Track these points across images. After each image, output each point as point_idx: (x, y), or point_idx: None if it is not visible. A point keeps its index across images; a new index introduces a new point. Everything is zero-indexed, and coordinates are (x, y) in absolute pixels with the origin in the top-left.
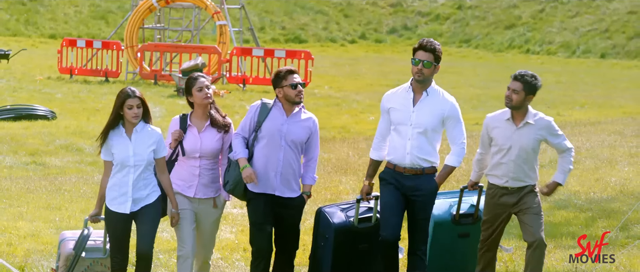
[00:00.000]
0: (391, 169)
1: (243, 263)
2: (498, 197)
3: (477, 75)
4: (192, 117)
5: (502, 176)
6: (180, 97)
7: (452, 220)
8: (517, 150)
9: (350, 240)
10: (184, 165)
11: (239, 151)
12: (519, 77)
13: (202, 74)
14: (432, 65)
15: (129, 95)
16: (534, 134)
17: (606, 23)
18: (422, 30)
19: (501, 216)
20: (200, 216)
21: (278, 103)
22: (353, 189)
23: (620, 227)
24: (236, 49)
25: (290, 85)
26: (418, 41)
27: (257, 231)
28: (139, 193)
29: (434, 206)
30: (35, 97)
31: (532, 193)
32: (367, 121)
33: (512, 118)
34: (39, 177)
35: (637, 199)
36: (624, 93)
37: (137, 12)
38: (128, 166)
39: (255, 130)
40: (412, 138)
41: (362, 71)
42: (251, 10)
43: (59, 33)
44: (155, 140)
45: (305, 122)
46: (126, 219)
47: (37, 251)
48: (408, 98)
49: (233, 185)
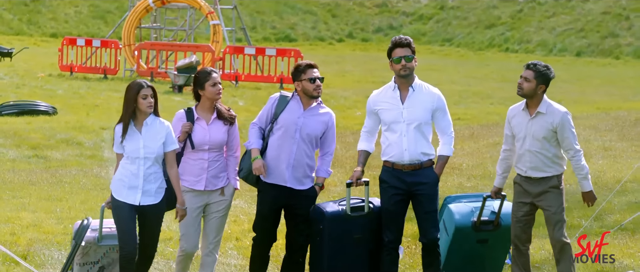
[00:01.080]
0: (389, 167)
1: (236, 252)
2: (521, 186)
3: (459, 73)
4: (197, 110)
5: (521, 166)
6: (175, 94)
7: (473, 226)
8: (531, 139)
9: (345, 229)
10: (191, 159)
11: (253, 141)
12: (532, 66)
13: (214, 69)
14: (412, 58)
15: (142, 86)
16: (545, 123)
17: (581, 23)
18: (406, 29)
19: (524, 207)
20: (209, 207)
21: (296, 96)
22: (340, 182)
23: (595, 217)
24: (229, 47)
25: (309, 79)
26: (390, 42)
27: (262, 220)
28: (148, 186)
29: (457, 209)
30: (37, 93)
31: (555, 191)
32: (354, 116)
33: (527, 107)
34: (41, 170)
35: (610, 190)
36: (598, 89)
37: (135, 12)
38: (138, 158)
39: (271, 122)
40: (407, 134)
41: (349, 69)
42: (243, 11)
43: (59, 32)
44: (165, 133)
45: (322, 116)
46: (133, 211)
47: (38, 240)
48: (395, 96)
49: (246, 172)
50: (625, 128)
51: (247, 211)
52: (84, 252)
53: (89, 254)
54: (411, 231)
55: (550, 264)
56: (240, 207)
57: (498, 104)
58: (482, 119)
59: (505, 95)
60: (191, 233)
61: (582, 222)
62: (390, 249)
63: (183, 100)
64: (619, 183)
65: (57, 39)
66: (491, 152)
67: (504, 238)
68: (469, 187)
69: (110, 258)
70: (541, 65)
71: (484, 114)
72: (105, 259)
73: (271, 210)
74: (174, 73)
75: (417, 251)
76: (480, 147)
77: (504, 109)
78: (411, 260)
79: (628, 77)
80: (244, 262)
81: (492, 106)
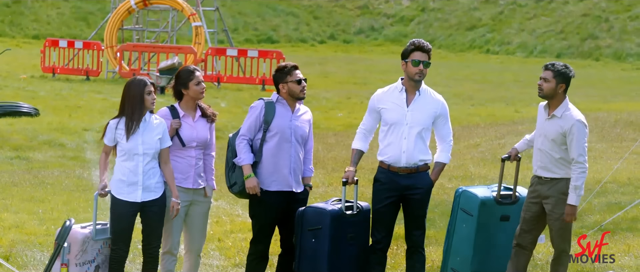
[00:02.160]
0: (385, 169)
1: (218, 253)
2: (534, 185)
3: (440, 74)
4: (181, 108)
5: (533, 164)
6: (158, 95)
7: (495, 200)
8: (542, 138)
9: (342, 228)
10: (179, 157)
11: (245, 157)
12: (550, 66)
13: (196, 67)
14: (429, 64)
15: (146, 83)
16: (557, 127)
17: (561, 25)
18: (388, 31)
19: (534, 207)
20: (193, 207)
21: (282, 100)
22: (322, 182)
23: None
24: (211, 49)
25: (296, 80)
26: (410, 42)
27: (264, 234)
28: (148, 181)
29: (474, 191)
30: (20, 94)
31: (563, 198)
32: (335, 117)
33: (547, 107)
34: (23, 171)
35: (590, 191)
36: (577, 91)
37: (117, 14)
38: (137, 154)
39: (263, 130)
40: (408, 137)
41: (331, 70)
42: (225, 12)
43: (42, 34)
44: (162, 130)
45: (305, 115)
46: (134, 210)
47: (21, 241)
48: (401, 98)
49: (241, 187)
50: (605, 129)
51: (229, 212)
52: (82, 249)
53: (87, 251)
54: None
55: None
56: (223, 208)
57: (479, 106)
58: (463, 120)
59: (486, 97)
60: (176, 232)
61: None
62: (377, 250)
63: (165, 101)
64: (599, 184)
65: (39, 40)
66: (472, 153)
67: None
68: (451, 187)
69: (103, 255)
70: (559, 64)
71: (465, 115)
72: (100, 257)
73: (275, 219)
74: (156, 75)
75: (399, 253)
76: (461, 148)
77: (484, 110)
78: (393, 261)
79: (608, 79)
80: (226, 263)
81: (472, 107)
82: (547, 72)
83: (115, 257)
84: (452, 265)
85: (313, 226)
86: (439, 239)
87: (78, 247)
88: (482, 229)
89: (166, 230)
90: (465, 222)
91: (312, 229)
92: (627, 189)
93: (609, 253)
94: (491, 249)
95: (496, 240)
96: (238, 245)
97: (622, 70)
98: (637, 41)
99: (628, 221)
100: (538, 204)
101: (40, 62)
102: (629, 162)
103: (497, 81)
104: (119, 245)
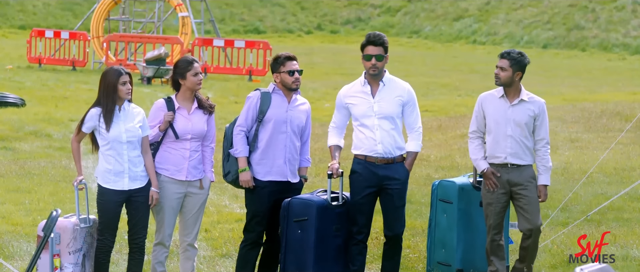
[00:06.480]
0: (362, 159)
1: (205, 243)
2: (501, 175)
3: (426, 65)
4: (177, 99)
5: (500, 153)
6: (144, 85)
7: (472, 186)
8: (512, 125)
9: (328, 220)
10: (173, 149)
11: (241, 148)
12: (506, 55)
13: (195, 58)
14: (383, 57)
15: (121, 73)
16: (527, 110)
17: (548, 15)
18: (374, 21)
19: (504, 198)
20: (187, 199)
21: (278, 90)
22: (309, 173)
23: (561, 208)
24: (198, 39)
25: (288, 72)
26: (365, 37)
27: (257, 223)
28: (134, 169)
29: (451, 180)
30: (6, 85)
31: (533, 182)
32: (322, 108)
33: (506, 95)
34: (9, 162)
35: (576, 181)
36: (564, 81)
37: (103, 4)
38: (121, 142)
39: (259, 120)
40: (380, 128)
41: (318, 61)
42: (212, 3)
43: (28, 24)
44: (141, 118)
45: (303, 106)
46: (121, 199)
47: (7, 232)
48: (366, 91)
49: (235, 176)
50: (591, 120)
51: (216, 203)
52: (73, 237)
53: (77, 239)
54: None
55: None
56: (210, 198)
57: (465, 96)
58: (450, 110)
59: (473, 87)
60: (170, 223)
61: (549, 212)
62: (358, 241)
63: (152, 92)
64: (585, 174)
65: (25, 30)
66: (459, 143)
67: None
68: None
69: (87, 243)
70: (515, 52)
71: (452, 105)
72: (85, 245)
73: (269, 208)
74: (142, 65)
75: (379, 244)
76: (448, 138)
77: (471, 100)
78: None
79: (594, 69)
80: (213, 254)
81: (459, 98)
82: (503, 61)
83: (101, 247)
84: (437, 259)
85: (299, 217)
86: (426, 230)
87: (69, 235)
88: (464, 215)
89: (158, 222)
90: (446, 212)
91: (298, 220)
92: (613, 179)
93: (608, 253)
94: (474, 235)
95: (478, 226)
96: (225, 235)
97: (608, 60)
98: (623, 31)
99: (614, 211)
100: (507, 193)
101: (26, 52)
102: (614, 153)
103: (483, 72)
104: (105, 235)
